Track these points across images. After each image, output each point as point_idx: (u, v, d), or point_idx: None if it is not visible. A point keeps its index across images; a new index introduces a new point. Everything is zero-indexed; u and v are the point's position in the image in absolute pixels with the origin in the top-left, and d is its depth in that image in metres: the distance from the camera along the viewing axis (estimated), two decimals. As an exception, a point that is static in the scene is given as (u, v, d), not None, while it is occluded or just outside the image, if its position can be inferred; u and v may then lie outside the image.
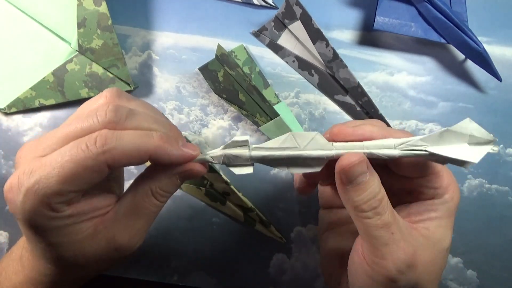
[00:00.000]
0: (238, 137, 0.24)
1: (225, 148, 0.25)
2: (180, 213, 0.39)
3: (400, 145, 0.23)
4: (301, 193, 0.29)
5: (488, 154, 0.38)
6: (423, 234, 0.25)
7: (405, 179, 0.26)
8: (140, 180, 0.26)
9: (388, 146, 0.23)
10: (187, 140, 0.38)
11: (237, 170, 0.25)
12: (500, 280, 0.38)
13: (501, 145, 0.39)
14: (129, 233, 0.25)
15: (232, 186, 0.38)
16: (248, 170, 0.25)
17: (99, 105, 0.24)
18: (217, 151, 0.25)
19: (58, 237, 0.23)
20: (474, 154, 0.22)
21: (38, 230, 0.23)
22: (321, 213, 0.33)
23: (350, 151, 0.23)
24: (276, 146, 0.24)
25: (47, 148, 0.22)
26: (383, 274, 0.23)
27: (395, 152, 0.23)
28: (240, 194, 0.38)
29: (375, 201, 0.23)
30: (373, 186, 0.23)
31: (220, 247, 0.39)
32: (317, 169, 0.24)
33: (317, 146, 0.23)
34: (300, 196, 0.39)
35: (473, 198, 0.39)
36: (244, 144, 0.24)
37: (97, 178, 0.22)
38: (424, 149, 0.22)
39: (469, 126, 0.22)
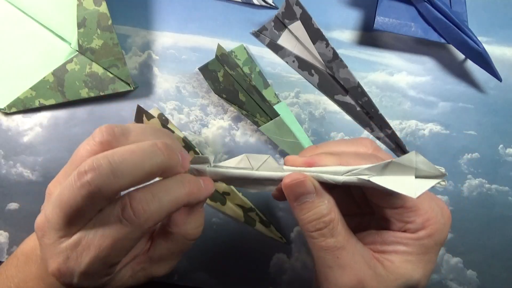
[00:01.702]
0: (200, 155, 0.26)
1: (192, 162, 0.26)
2: (180, 213, 0.39)
3: (346, 172, 0.23)
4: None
5: (488, 154, 0.39)
6: (385, 265, 0.24)
7: (379, 207, 0.25)
8: (172, 226, 0.26)
9: (335, 172, 0.23)
10: (186, 141, 0.38)
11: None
12: (500, 280, 0.38)
13: (501, 145, 0.39)
14: (165, 269, 0.27)
15: (232, 186, 0.38)
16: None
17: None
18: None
19: (102, 284, 0.24)
20: (416, 188, 0.21)
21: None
22: None
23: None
24: (233, 165, 0.25)
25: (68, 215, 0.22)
26: None
27: (340, 178, 0.23)
28: (240, 194, 0.38)
29: (320, 223, 0.23)
30: (319, 208, 0.23)
31: (220, 247, 0.39)
32: (271, 189, 0.26)
33: (268, 168, 0.25)
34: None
35: (473, 198, 0.39)
36: (205, 161, 0.26)
37: (138, 239, 0.23)
38: (367, 179, 0.22)
39: (414, 159, 0.21)
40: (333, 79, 0.39)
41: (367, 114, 0.39)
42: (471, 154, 0.39)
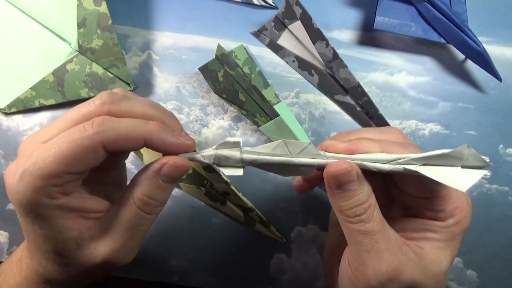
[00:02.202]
0: (231, 138, 0.24)
1: (217, 148, 0.24)
2: (180, 213, 0.39)
3: (392, 161, 0.23)
4: (299, 191, 0.29)
5: (488, 154, 0.38)
6: (415, 251, 0.24)
7: (409, 195, 0.26)
8: (126, 187, 0.25)
9: (380, 161, 0.23)
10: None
11: (227, 171, 0.24)
12: (500, 280, 0.38)
13: (501, 145, 0.39)
14: (113, 248, 0.24)
15: (232, 186, 0.38)
16: (238, 172, 0.24)
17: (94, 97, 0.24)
18: (209, 151, 0.25)
19: (46, 228, 0.23)
20: (464, 181, 0.21)
21: (30, 216, 0.22)
22: (332, 210, 0.33)
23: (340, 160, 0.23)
24: (268, 151, 0.24)
25: (47, 135, 0.23)
26: (364, 283, 0.23)
27: (385, 167, 0.23)
28: (240, 194, 0.38)
29: (360, 209, 0.23)
30: (360, 195, 0.23)
31: (220, 247, 0.39)
32: (305, 173, 0.24)
33: (308, 155, 0.23)
34: (300, 196, 0.39)
35: (473, 198, 0.39)
36: (236, 145, 0.24)
37: (93, 160, 0.22)
38: (414, 169, 0.22)
39: (465, 151, 0.21)
40: (333, 79, 0.39)
41: (367, 114, 0.39)
42: (471, 154, 0.39)
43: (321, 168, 0.24)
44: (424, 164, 0.22)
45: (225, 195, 0.38)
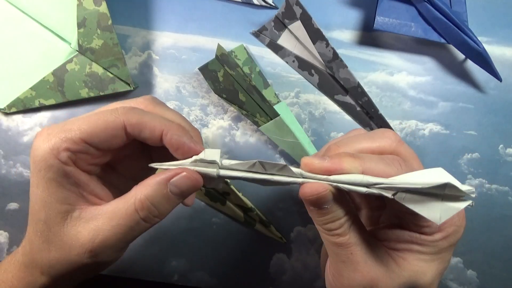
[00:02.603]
0: (209, 152, 0.24)
1: (194, 163, 0.24)
2: (180, 213, 0.39)
3: (371, 185, 0.22)
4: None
5: (488, 154, 0.39)
6: (398, 262, 0.24)
7: (395, 209, 0.25)
8: (133, 187, 0.24)
9: (358, 184, 0.22)
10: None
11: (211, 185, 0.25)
12: (500, 280, 0.38)
13: (501, 145, 0.39)
14: (95, 237, 0.23)
15: (232, 186, 0.38)
16: (219, 186, 0.26)
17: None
18: (187, 164, 0.24)
19: (46, 191, 0.23)
20: (441, 213, 0.20)
21: (38, 175, 0.23)
22: None
23: (315, 181, 0.23)
24: (244, 168, 0.23)
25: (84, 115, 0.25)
26: None
27: (363, 190, 0.22)
28: (240, 194, 0.38)
29: (335, 224, 0.23)
30: (336, 212, 0.23)
31: (220, 247, 0.39)
32: (287, 184, 0.24)
33: (285, 173, 0.23)
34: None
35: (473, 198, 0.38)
36: (212, 162, 0.24)
37: (113, 139, 0.23)
38: (391, 196, 0.21)
39: (446, 189, 0.20)
40: (333, 79, 0.39)
41: (367, 114, 0.39)
42: (471, 154, 0.39)
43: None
44: (404, 191, 0.21)
45: (225, 195, 0.38)
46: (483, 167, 0.39)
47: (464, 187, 0.20)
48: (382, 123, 0.39)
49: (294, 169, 0.23)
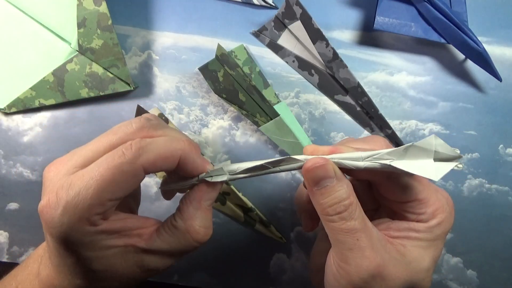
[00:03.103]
0: (216, 176, 0.26)
1: (205, 177, 0.26)
2: (180, 213, 0.39)
3: (367, 157, 0.23)
4: (309, 231, 0.30)
5: (488, 154, 0.39)
6: (398, 250, 0.24)
7: (391, 201, 0.26)
8: (177, 218, 0.26)
9: (356, 158, 0.24)
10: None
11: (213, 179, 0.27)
12: (500, 280, 0.38)
13: (501, 145, 0.39)
14: (159, 265, 0.25)
15: (232, 186, 0.38)
16: (223, 178, 0.27)
17: (130, 120, 0.25)
18: (194, 181, 0.26)
19: (91, 251, 0.23)
20: (436, 171, 0.22)
21: (72, 245, 0.23)
22: None
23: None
24: (249, 174, 0.25)
25: (81, 159, 0.23)
26: (347, 280, 0.24)
27: (361, 164, 0.23)
28: (240, 194, 0.38)
29: (340, 206, 0.23)
30: (339, 192, 0.23)
31: (220, 247, 0.39)
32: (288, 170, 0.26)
33: (287, 164, 0.25)
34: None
35: (473, 198, 0.39)
36: (221, 173, 0.26)
37: (135, 184, 0.23)
38: (388, 163, 0.23)
39: (434, 142, 0.22)
40: (333, 79, 0.39)
41: (367, 114, 0.39)
42: (471, 154, 0.39)
43: None
44: (398, 159, 0.23)
45: (225, 195, 0.38)
46: (483, 167, 0.39)
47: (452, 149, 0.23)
48: (382, 123, 0.39)
49: (297, 157, 0.24)
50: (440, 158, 0.22)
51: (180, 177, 0.26)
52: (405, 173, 0.22)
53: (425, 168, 0.22)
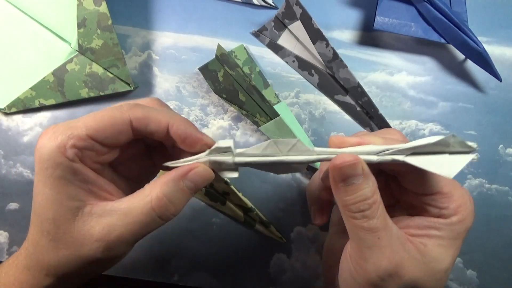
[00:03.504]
0: (222, 142, 0.25)
1: (209, 154, 0.25)
2: (180, 213, 0.38)
3: (381, 152, 0.23)
4: (319, 225, 0.30)
5: (488, 154, 0.39)
6: (418, 248, 0.24)
7: (412, 194, 0.26)
8: (147, 185, 0.25)
9: (369, 153, 0.23)
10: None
11: (223, 174, 0.25)
12: (500, 280, 0.38)
13: (501, 145, 0.39)
14: (110, 233, 0.23)
15: (232, 186, 0.38)
16: (234, 174, 0.25)
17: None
18: (203, 157, 0.25)
19: (54, 189, 0.23)
20: (451, 167, 0.21)
21: (45, 173, 0.23)
22: (334, 209, 0.33)
23: (332, 157, 0.24)
24: (258, 152, 0.24)
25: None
26: (364, 277, 0.23)
27: (374, 158, 0.23)
28: (240, 194, 0.38)
29: (364, 204, 0.23)
30: (365, 190, 0.23)
31: (220, 247, 0.39)
32: (302, 170, 0.25)
33: (298, 152, 0.24)
34: (300, 196, 0.39)
35: (473, 198, 0.38)
36: (227, 150, 0.24)
37: (118, 135, 0.24)
38: (402, 159, 0.22)
39: (451, 140, 0.22)
40: (333, 79, 0.39)
41: (367, 114, 0.39)
42: (471, 154, 0.39)
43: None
44: (412, 154, 0.22)
45: (225, 195, 0.38)
46: (483, 167, 0.39)
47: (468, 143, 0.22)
48: (382, 123, 0.39)
49: (306, 147, 0.24)
50: (455, 151, 0.22)
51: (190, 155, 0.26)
52: (418, 169, 0.22)
53: (439, 165, 0.22)
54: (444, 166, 0.22)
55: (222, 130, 0.39)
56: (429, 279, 0.24)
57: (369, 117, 0.39)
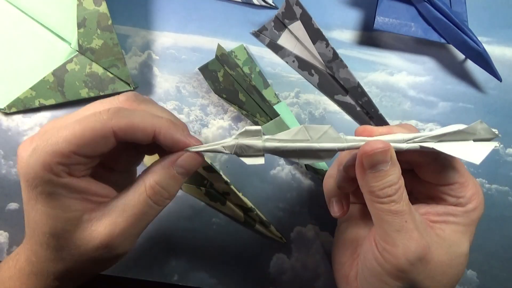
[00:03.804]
0: (250, 127, 0.24)
1: (237, 137, 0.24)
2: (180, 213, 0.39)
3: (409, 140, 0.24)
4: (340, 217, 0.30)
5: (488, 154, 0.38)
6: (438, 234, 0.25)
7: (429, 185, 0.27)
8: (139, 176, 0.25)
9: (398, 141, 0.24)
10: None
11: (248, 161, 0.24)
12: (500, 280, 0.38)
13: (501, 145, 0.39)
14: (113, 231, 0.24)
15: (232, 186, 0.38)
16: (260, 161, 0.24)
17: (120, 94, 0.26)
18: (229, 141, 0.24)
19: (48, 206, 0.23)
20: (477, 154, 0.22)
21: (35, 192, 0.22)
22: None
23: (361, 144, 0.24)
24: (289, 138, 0.24)
25: (66, 121, 0.23)
26: (392, 263, 0.23)
27: (403, 146, 0.24)
28: (240, 194, 0.38)
29: (391, 189, 0.23)
30: (392, 176, 0.24)
31: (220, 247, 0.39)
32: (327, 160, 0.25)
33: (329, 139, 0.24)
34: (300, 196, 0.39)
35: (473, 198, 0.38)
36: (257, 134, 0.24)
37: (102, 145, 0.23)
38: (431, 146, 0.23)
39: (479, 126, 0.23)
40: (333, 79, 0.39)
41: (367, 114, 0.39)
42: (471, 154, 0.39)
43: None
44: (439, 141, 0.23)
45: (225, 195, 0.38)
46: (483, 167, 0.39)
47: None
48: (382, 123, 0.39)
49: (337, 135, 0.24)
50: (479, 139, 0.23)
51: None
52: (447, 156, 0.23)
53: (466, 151, 0.22)
54: (471, 153, 0.22)
55: (222, 130, 0.39)
56: (452, 263, 0.25)
57: (369, 117, 0.39)
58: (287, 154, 0.24)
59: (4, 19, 0.38)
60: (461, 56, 0.39)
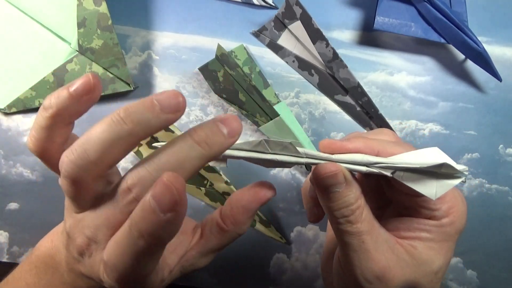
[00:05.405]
0: None
1: None
2: (180, 213, 0.39)
3: (371, 164, 0.23)
4: (314, 222, 0.30)
5: (488, 154, 0.39)
6: (408, 251, 0.24)
7: (404, 194, 0.26)
8: (228, 224, 0.25)
9: (359, 163, 0.23)
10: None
11: (212, 163, 0.25)
12: (500, 280, 0.38)
13: (501, 145, 0.39)
14: (210, 259, 0.27)
15: (232, 186, 0.38)
16: (222, 164, 0.25)
17: None
18: None
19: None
20: (436, 189, 0.22)
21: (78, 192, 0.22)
22: None
23: (321, 162, 0.24)
24: (249, 148, 0.24)
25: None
26: (353, 281, 0.24)
27: (363, 169, 0.23)
28: (240, 194, 0.38)
29: (348, 211, 0.23)
30: (348, 197, 0.23)
31: (220, 247, 0.39)
32: (289, 167, 0.25)
33: (288, 153, 0.24)
34: (300, 196, 0.39)
35: (473, 198, 0.38)
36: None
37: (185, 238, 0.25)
38: (389, 174, 0.23)
39: (442, 168, 0.22)
40: (333, 79, 0.39)
41: (367, 114, 0.39)
42: (471, 154, 0.39)
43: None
44: (402, 170, 0.22)
45: (225, 195, 0.38)
46: (483, 167, 0.39)
47: (458, 166, 0.22)
48: (382, 123, 0.39)
49: (298, 148, 0.24)
50: (444, 173, 0.22)
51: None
52: (403, 186, 0.22)
53: (425, 185, 0.22)
54: (430, 188, 0.22)
55: (222, 130, 0.39)
56: (421, 281, 0.24)
57: (369, 117, 0.39)
58: (249, 160, 0.25)
59: (4, 19, 0.38)
60: (461, 56, 0.39)
